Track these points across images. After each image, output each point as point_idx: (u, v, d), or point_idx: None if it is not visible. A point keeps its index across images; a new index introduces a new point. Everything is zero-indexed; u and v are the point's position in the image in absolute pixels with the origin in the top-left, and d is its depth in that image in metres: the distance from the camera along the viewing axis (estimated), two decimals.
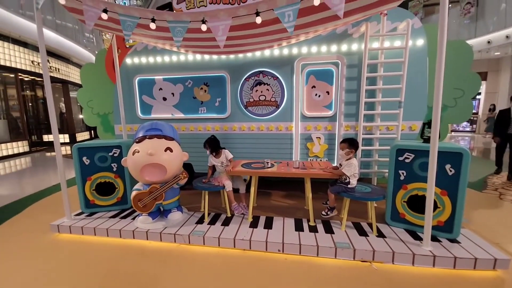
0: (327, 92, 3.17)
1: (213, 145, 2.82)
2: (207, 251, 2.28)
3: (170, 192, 2.61)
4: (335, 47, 3.07)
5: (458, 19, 10.78)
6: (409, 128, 3.00)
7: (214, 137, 2.88)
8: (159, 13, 2.17)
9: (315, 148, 3.28)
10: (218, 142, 2.86)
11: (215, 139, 2.86)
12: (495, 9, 9.49)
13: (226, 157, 2.88)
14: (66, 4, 2.19)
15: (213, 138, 2.86)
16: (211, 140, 2.84)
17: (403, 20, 2.83)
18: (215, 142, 2.84)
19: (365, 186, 2.60)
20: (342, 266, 2.04)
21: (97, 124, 4.28)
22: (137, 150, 2.49)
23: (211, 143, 2.82)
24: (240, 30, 2.34)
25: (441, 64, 1.85)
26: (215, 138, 2.87)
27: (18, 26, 7.67)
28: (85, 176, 2.91)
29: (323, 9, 1.94)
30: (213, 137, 2.87)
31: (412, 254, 2.00)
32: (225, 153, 2.88)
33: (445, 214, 2.20)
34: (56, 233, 2.65)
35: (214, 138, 2.86)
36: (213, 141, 2.84)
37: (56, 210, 3.15)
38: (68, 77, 10.78)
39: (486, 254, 1.95)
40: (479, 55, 10.74)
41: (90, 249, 2.37)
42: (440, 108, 1.91)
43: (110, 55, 3.92)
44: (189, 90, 3.53)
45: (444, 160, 2.11)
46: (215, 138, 2.87)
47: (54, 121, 2.57)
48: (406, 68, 2.81)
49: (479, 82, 3.20)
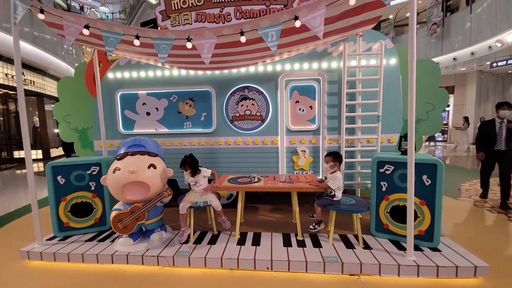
0: (310, 107, 3.28)
1: (193, 166, 2.59)
2: (193, 273, 2.18)
3: (153, 211, 2.50)
4: (316, 65, 3.21)
5: (426, 38, 11.79)
6: (387, 141, 3.15)
7: (192, 157, 2.63)
8: (144, 30, 2.18)
9: (300, 161, 3.33)
10: (197, 162, 2.65)
11: (194, 158, 2.63)
12: (460, 28, 10.49)
13: (203, 175, 2.64)
14: (46, 19, 2.14)
15: (192, 159, 2.61)
16: (192, 161, 2.59)
17: (376, 41, 3.05)
18: (196, 162, 2.62)
19: (350, 198, 2.66)
20: (331, 281, 2.02)
21: (74, 139, 4.07)
22: (118, 167, 2.39)
23: (192, 164, 2.58)
24: (225, 47, 2.39)
25: (413, 81, 1.99)
26: (194, 158, 2.63)
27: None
28: (59, 197, 2.72)
29: (304, 30, 2.04)
30: (191, 157, 2.62)
31: (397, 265, 2.04)
32: (202, 172, 2.64)
33: (425, 223, 2.29)
34: (26, 260, 2.42)
35: (193, 158, 2.62)
36: (193, 162, 2.60)
37: (26, 235, 2.88)
38: (43, 90, 10.28)
39: (466, 262, 2.03)
40: (446, 71, 11.72)
41: (63, 277, 2.18)
42: (414, 122, 2.04)
43: (90, 69, 3.82)
44: (174, 104, 3.50)
45: (420, 171, 2.22)
46: (193, 157, 2.63)
47: (26, 136, 2.42)
48: (382, 84, 3.00)
49: (447, 96, 3.48)
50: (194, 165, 2.60)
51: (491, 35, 9.08)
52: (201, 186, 2.65)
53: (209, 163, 3.47)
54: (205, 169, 2.67)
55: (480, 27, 9.59)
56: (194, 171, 2.59)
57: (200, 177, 2.63)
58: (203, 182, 2.64)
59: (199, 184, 2.64)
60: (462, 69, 11.79)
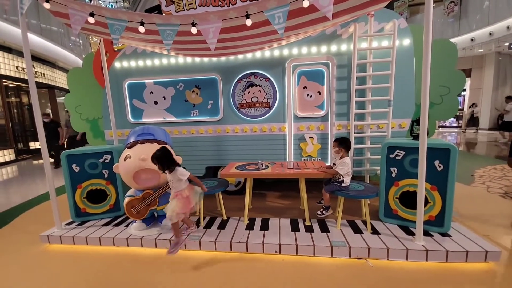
0: (319, 92, 3.21)
1: (161, 160, 2.13)
2: (204, 255, 2.26)
3: (164, 197, 2.57)
4: (325, 48, 3.11)
5: (442, 18, 11.13)
6: (399, 126, 3.06)
7: (164, 150, 2.20)
8: (148, 16, 2.14)
9: (308, 148, 3.30)
10: (168, 156, 2.19)
11: (164, 152, 2.18)
12: (478, 7, 9.84)
13: (178, 177, 2.15)
14: (51, 9, 2.13)
15: (161, 152, 2.17)
16: (159, 155, 2.14)
17: (389, 20, 2.89)
18: (163, 157, 2.15)
19: (358, 184, 2.64)
20: (338, 264, 2.06)
21: (86, 129, 4.18)
22: (128, 155, 2.45)
23: (159, 159, 2.13)
24: (231, 32, 2.34)
25: (427, 63, 1.90)
26: (164, 151, 2.19)
27: (2, 31, 7.41)
28: (75, 184, 2.83)
29: (312, 10, 1.96)
30: (160, 150, 2.19)
31: (405, 250, 2.05)
32: (177, 172, 2.15)
33: (435, 209, 2.26)
34: (46, 244, 2.57)
35: (163, 151, 2.18)
36: (161, 156, 2.14)
37: (45, 220, 3.05)
38: (54, 82, 10.48)
39: (477, 247, 2.01)
40: (463, 52, 11.12)
41: (82, 259, 2.31)
42: (428, 105, 1.96)
43: (98, 59, 3.83)
44: (180, 93, 3.50)
45: (433, 156, 2.16)
46: (165, 150, 2.20)
47: (40, 127, 2.50)
48: (394, 67, 2.87)
49: (463, 79, 3.30)
50: (161, 160, 2.13)
51: (510, 14, 8.49)
52: (174, 189, 2.20)
53: (217, 151, 3.52)
54: (182, 170, 2.17)
55: (499, 7, 8.96)
56: (162, 167, 2.14)
57: (174, 178, 2.17)
58: (176, 185, 2.17)
59: (172, 186, 2.20)
60: (480, 51, 11.15)
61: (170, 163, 2.17)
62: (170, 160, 2.18)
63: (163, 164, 2.14)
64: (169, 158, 2.18)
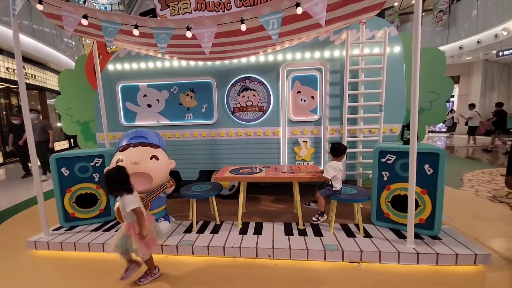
0: (312, 97, 3.25)
1: (108, 183, 1.77)
2: (196, 261, 2.23)
3: (157, 201, 2.54)
4: (318, 54, 3.16)
5: (431, 26, 11.50)
6: (390, 131, 3.13)
7: (115, 170, 1.82)
8: (143, 19, 2.14)
9: (302, 152, 3.33)
10: (117, 178, 1.77)
11: (114, 172, 1.79)
12: (466, 16, 10.21)
13: (126, 205, 1.75)
14: (44, 10, 2.11)
15: (110, 172, 1.79)
16: (106, 177, 1.77)
17: (380, 28, 2.97)
18: (111, 180, 1.76)
19: (351, 188, 2.67)
20: (331, 268, 2.06)
21: (77, 132, 4.11)
22: (120, 159, 2.42)
23: (107, 182, 1.77)
24: (226, 37, 2.36)
25: (417, 70, 1.96)
26: (116, 172, 1.80)
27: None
28: (64, 188, 2.76)
29: (305, 17, 2.00)
30: (113, 170, 1.82)
31: (397, 253, 2.07)
32: (123, 199, 1.76)
33: (426, 212, 2.30)
34: (33, 250, 2.49)
35: (114, 171, 1.80)
36: (107, 179, 1.76)
37: (33, 225, 2.95)
38: (45, 83, 10.29)
39: (466, 250, 2.05)
40: (451, 60, 11.48)
41: (70, 265, 2.24)
42: (418, 111, 2.02)
43: (90, 61, 3.80)
44: (174, 96, 3.49)
45: (422, 160, 2.21)
46: (116, 171, 1.81)
47: (29, 130, 2.44)
48: (385, 73, 2.95)
49: (452, 86, 3.42)
50: (109, 183, 1.77)
51: (498, 23, 8.84)
52: (125, 219, 1.83)
53: (211, 155, 3.50)
54: (130, 198, 1.77)
55: (487, 15, 9.33)
56: (109, 190, 1.78)
57: (121, 206, 1.79)
58: (127, 214, 1.79)
59: (124, 215, 1.81)
60: (468, 58, 11.54)
61: (116, 186, 1.76)
62: (118, 183, 1.77)
63: (108, 187, 1.76)
64: (118, 181, 1.77)
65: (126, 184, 1.82)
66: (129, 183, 1.84)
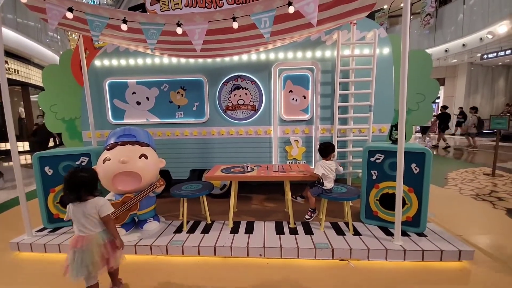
0: (304, 97, 3.27)
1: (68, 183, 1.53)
2: (187, 261, 2.20)
3: (146, 201, 2.48)
4: (310, 53, 3.18)
5: (419, 29, 11.81)
6: (379, 130, 3.19)
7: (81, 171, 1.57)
8: (131, 14, 2.08)
9: (293, 151, 3.35)
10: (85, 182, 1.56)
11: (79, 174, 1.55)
12: (452, 20, 10.55)
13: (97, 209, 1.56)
14: (28, 3, 2.02)
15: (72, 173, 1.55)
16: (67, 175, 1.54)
17: (370, 29, 3.02)
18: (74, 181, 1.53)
19: (341, 186, 2.71)
20: (322, 266, 2.08)
21: (62, 130, 3.96)
22: (108, 157, 2.35)
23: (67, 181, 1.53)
24: (217, 34, 2.33)
25: (405, 71, 2.00)
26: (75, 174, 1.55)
27: None
28: (48, 188, 2.66)
29: (297, 17, 2.00)
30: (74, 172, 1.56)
31: (385, 250, 2.12)
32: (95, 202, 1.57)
33: (412, 210, 2.37)
34: (16, 252, 2.39)
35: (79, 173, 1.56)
36: (68, 177, 1.53)
37: (15, 227, 2.82)
38: (28, 79, 9.88)
39: (451, 246, 2.12)
40: (437, 62, 11.85)
41: (54, 268, 2.15)
42: (405, 111, 2.06)
43: (76, 56, 3.66)
44: (165, 94, 3.42)
45: (410, 159, 2.27)
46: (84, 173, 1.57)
47: (11, 127, 2.34)
48: (375, 74, 3.00)
49: (437, 88, 3.52)
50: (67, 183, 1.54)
51: (483, 26, 9.17)
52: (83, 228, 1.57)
53: (202, 154, 3.46)
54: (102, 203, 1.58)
55: (473, 19, 9.66)
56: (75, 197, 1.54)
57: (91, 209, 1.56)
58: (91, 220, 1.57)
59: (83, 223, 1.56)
60: (453, 61, 11.94)
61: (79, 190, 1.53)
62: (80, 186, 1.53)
63: (68, 189, 1.54)
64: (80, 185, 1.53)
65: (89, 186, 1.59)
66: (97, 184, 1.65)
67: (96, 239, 1.58)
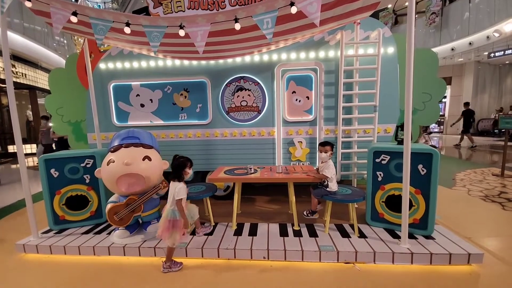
0: (307, 97, 3.24)
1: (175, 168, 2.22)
2: (190, 263, 2.19)
3: (149, 203, 2.49)
4: (313, 54, 3.15)
5: (424, 28, 11.66)
6: (384, 131, 3.14)
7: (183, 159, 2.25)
8: (134, 17, 2.10)
9: (297, 152, 3.32)
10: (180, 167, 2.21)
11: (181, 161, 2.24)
12: (458, 18, 10.39)
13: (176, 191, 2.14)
14: (33, 7, 2.05)
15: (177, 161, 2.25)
16: (175, 162, 2.26)
17: (374, 29, 2.98)
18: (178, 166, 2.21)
19: (346, 188, 2.67)
20: (326, 269, 2.05)
21: (68, 132, 4.01)
22: (112, 159, 2.36)
23: (174, 166, 2.24)
24: (220, 36, 2.33)
25: (410, 71, 1.97)
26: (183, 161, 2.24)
27: None
28: (54, 190, 2.69)
29: (300, 17, 1.98)
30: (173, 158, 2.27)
31: (391, 253, 2.07)
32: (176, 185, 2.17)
33: (419, 212, 2.31)
34: (22, 253, 2.41)
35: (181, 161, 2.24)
36: (175, 164, 2.21)
37: (21, 228, 2.86)
38: (36, 83, 10.07)
39: (460, 249, 2.06)
40: (443, 61, 11.68)
41: (60, 269, 2.18)
42: (411, 111, 2.02)
43: (82, 60, 3.71)
44: (168, 96, 3.44)
45: (416, 160, 2.22)
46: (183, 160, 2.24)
47: (17, 130, 2.37)
48: (379, 74, 2.96)
49: (444, 87, 3.45)
50: (174, 168, 2.19)
51: (490, 25, 9.01)
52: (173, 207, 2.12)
53: (205, 155, 3.46)
54: (180, 187, 2.11)
55: (479, 17, 9.51)
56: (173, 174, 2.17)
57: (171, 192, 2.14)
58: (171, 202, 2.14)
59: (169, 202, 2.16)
60: (460, 60, 11.74)
61: (176, 172, 2.16)
62: (180, 170, 2.17)
63: (174, 172, 2.16)
64: (180, 168, 2.17)
65: (180, 172, 2.15)
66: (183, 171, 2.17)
67: (166, 212, 2.08)
